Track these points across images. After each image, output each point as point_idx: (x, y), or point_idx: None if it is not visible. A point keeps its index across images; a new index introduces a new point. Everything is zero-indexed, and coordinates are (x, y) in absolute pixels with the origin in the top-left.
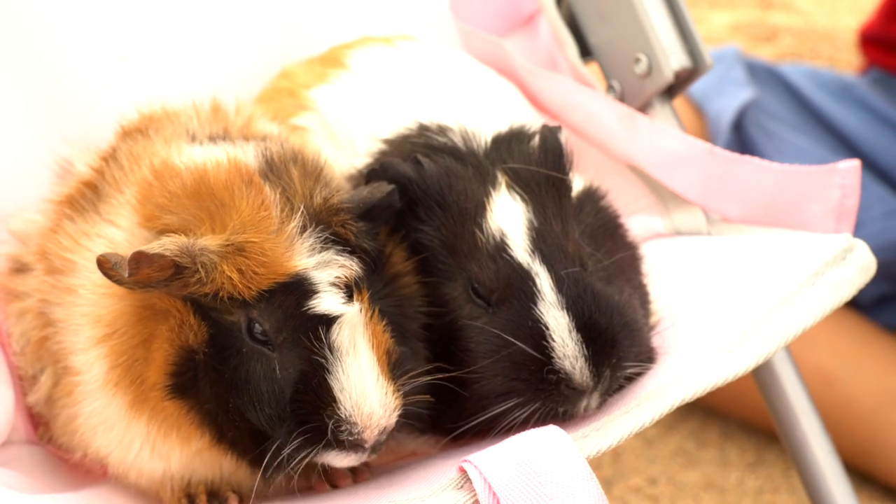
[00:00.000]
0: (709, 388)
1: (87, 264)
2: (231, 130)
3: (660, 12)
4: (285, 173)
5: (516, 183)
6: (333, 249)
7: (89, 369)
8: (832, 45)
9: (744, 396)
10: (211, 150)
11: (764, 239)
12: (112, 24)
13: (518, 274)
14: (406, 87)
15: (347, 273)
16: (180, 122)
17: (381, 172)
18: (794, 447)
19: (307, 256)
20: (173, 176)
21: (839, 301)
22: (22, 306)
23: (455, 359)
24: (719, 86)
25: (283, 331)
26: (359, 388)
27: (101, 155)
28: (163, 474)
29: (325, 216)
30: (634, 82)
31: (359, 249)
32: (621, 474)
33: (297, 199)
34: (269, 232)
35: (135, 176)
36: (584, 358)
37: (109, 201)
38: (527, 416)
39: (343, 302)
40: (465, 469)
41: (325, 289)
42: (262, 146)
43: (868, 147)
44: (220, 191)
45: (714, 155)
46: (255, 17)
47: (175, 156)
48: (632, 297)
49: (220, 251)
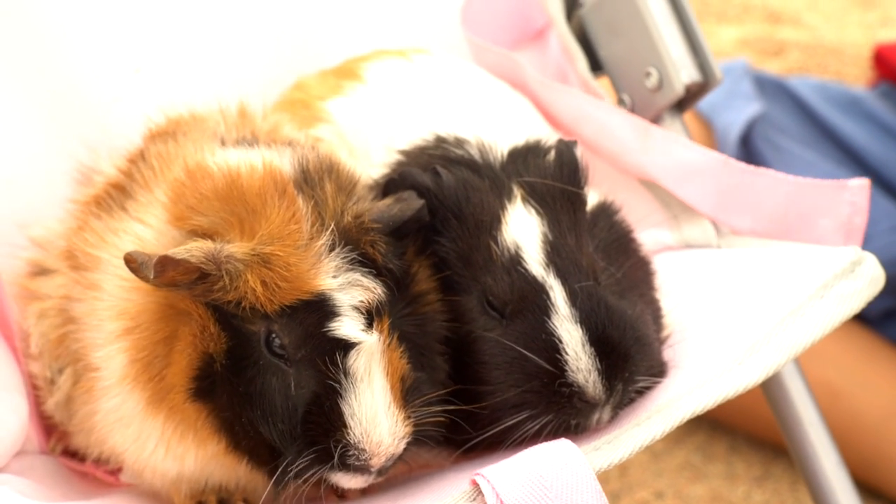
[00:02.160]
0: (719, 401)
1: (113, 260)
2: (259, 135)
3: (670, 26)
4: (319, 186)
5: (532, 196)
6: (359, 271)
7: (109, 364)
8: (840, 60)
9: (751, 410)
10: (246, 154)
11: (773, 251)
12: (126, 36)
13: (532, 287)
14: (422, 99)
15: (370, 297)
16: (208, 126)
17: (400, 182)
18: (802, 459)
19: (332, 276)
20: (206, 177)
21: (848, 313)
22: (42, 307)
23: (469, 370)
24: (727, 100)
25: (302, 348)
26: (370, 415)
27: (128, 157)
28: (177, 475)
29: (355, 235)
30: (645, 96)
31: (385, 270)
32: (628, 488)
33: (329, 216)
34: (296, 246)
35: (165, 176)
36: (597, 371)
37: (138, 199)
38: (539, 428)
39: (363, 328)
40: (478, 482)
41: (346, 312)
42: (298, 153)
43: (876, 161)
44: (252, 197)
45: (729, 166)
46: (269, 31)
47: (209, 157)
48: (644, 311)
49: (245, 260)
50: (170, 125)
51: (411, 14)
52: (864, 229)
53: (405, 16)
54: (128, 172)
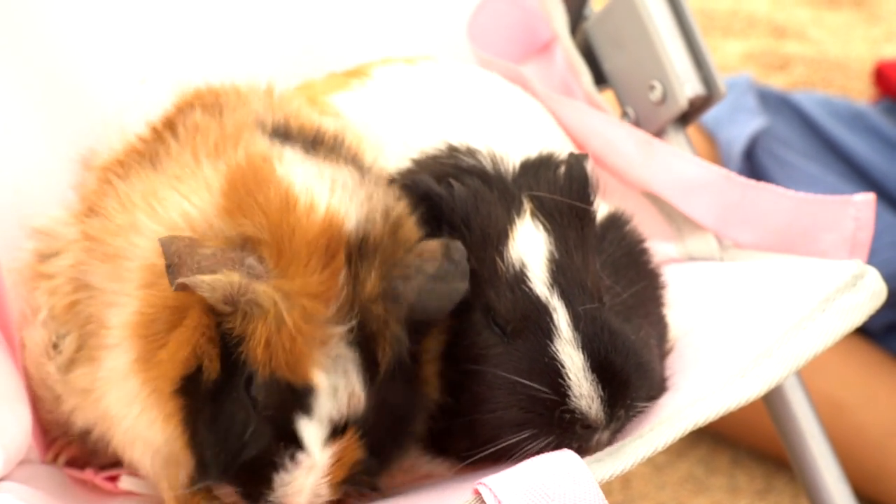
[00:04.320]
0: (721, 413)
1: (149, 222)
2: (290, 123)
3: (675, 40)
4: (369, 261)
5: (540, 211)
6: (353, 365)
7: (121, 316)
8: (844, 75)
9: (753, 424)
10: (312, 174)
11: (776, 265)
12: (132, 46)
13: (535, 307)
14: (432, 96)
15: (348, 411)
16: (251, 106)
17: (413, 189)
18: (804, 472)
19: (325, 373)
20: (263, 184)
21: (850, 326)
22: (53, 284)
23: (470, 385)
24: (731, 114)
25: (270, 410)
26: (294, 489)
27: (159, 122)
28: (164, 454)
29: (373, 319)
30: (649, 109)
31: (385, 362)
32: (631, 500)
33: (359, 302)
34: (313, 321)
35: (208, 149)
36: (599, 399)
37: (177, 169)
38: (540, 448)
39: (321, 444)
40: (480, 492)
41: (315, 417)
42: (367, 206)
43: (879, 175)
44: (300, 242)
45: (731, 181)
46: (275, 42)
47: (275, 159)
48: (648, 333)
49: (265, 307)
50: (209, 95)
51: (418, 26)
52: (870, 244)
53: (411, 28)
54: (156, 138)
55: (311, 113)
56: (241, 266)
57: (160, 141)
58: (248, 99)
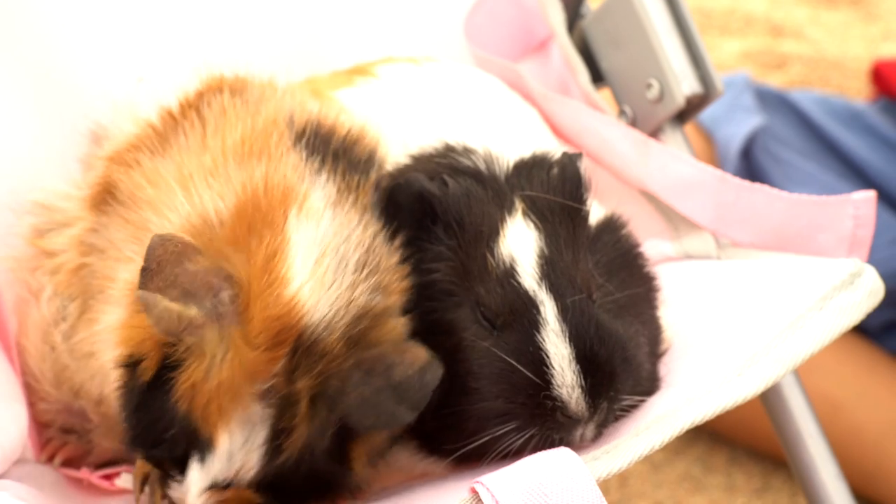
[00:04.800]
0: (718, 411)
1: (185, 202)
2: (321, 124)
3: (672, 38)
4: (313, 361)
5: (532, 210)
6: (258, 443)
7: (128, 273)
8: (842, 74)
9: (751, 422)
10: (315, 234)
11: (773, 263)
12: (130, 44)
13: (524, 301)
14: (434, 98)
15: (230, 476)
16: (283, 102)
17: (406, 187)
18: (801, 471)
19: (227, 438)
20: (268, 228)
21: (847, 325)
22: (56, 263)
23: (457, 380)
24: (729, 112)
25: (183, 428)
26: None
27: (179, 105)
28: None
29: (298, 406)
30: (646, 107)
31: (290, 451)
32: (628, 499)
33: (287, 391)
34: (235, 390)
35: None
36: (580, 388)
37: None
38: (523, 441)
39: (199, 491)
40: (477, 490)
41: (205, 469)
42: (343, 302)
43: (876, 174)
44: (259, 312)
45: (726, 182)
46: (273, 41)
47: (297, 199)
48: (638, 332)
49: (203, 352)
50: (237, 82)
51: (415, 24)
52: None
53: (408, 26)
54: (180, 119)
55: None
56: (214, 297)
57: (183, 123)
58: (278, 92)
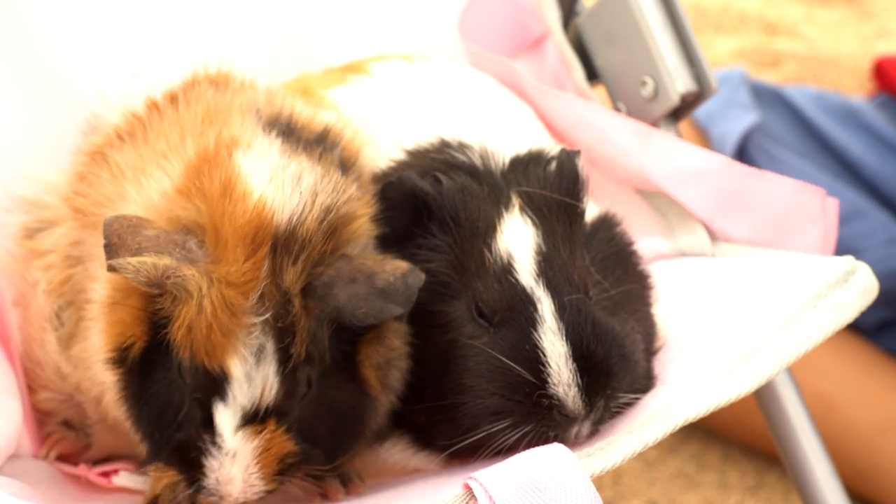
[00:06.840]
0: (712, 409)
1: (135, 195)
2: (294, 118)
3: (666, 36)
4: (296, 255)
5: (529, 206)
6: (268, 355)
7: (98, 292)
8: (836, 72)
9: (744, 420)
10: (268, 163)
11: (766, 261)
12: (123, 41)
13: (521, 297)
14: (429, 96)
15: (257, 399)
16: (256, 95)
17: (398, 185)
18: (795, 469)
19: (242, 361)
20: (216, 168)
21: (841, 323)
22: (47, 262)
23: (452, 376)
24: (724, 109)
25: (196, 393)
26: (224, 477)
27: (160, 97)
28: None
29: (296, 319)
30: (640, 105)
31: (297, 354)
32: (622, 496)
33: (279, 293)
34: (233, 310)
35: (203, 129)
36: (577, 386)
37: (170, 143)
38: (518, 437)
39: (233, 430)
40: (471, 486)
41: (232, 404)
42: (307, 200)
43: (872, 173)
44: (228, 230)
45: (731, 168)
46: (266, 38)
47: (244, 143)
48: (634, 328)
49: (191, 290)
50: (221, 76)
51: (409, 21)
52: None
53: (402, 23)
54: (152, 112)
55: (314, 113)
56: (182, 249)
57: (156, 114)
58: (256, 88)
